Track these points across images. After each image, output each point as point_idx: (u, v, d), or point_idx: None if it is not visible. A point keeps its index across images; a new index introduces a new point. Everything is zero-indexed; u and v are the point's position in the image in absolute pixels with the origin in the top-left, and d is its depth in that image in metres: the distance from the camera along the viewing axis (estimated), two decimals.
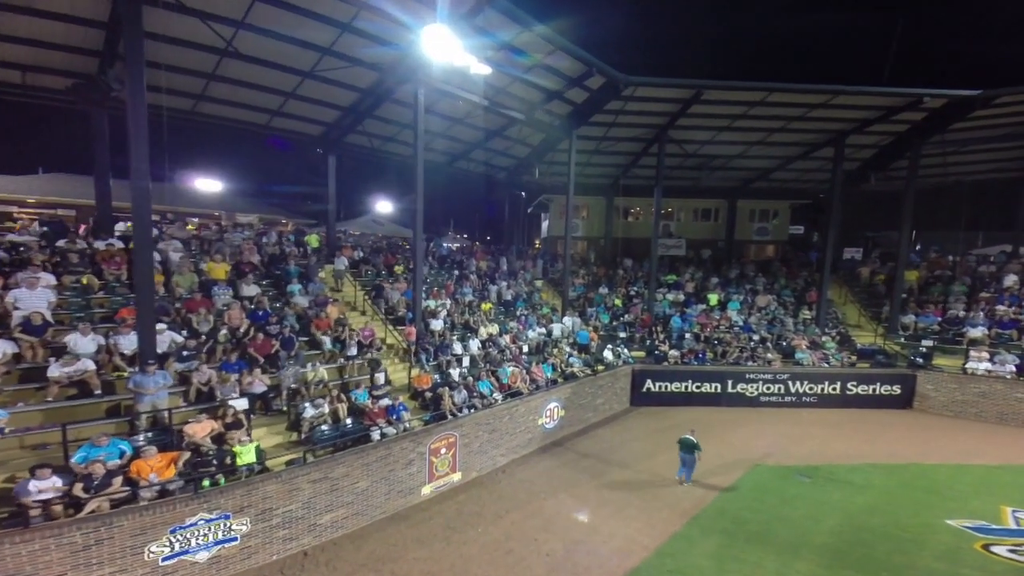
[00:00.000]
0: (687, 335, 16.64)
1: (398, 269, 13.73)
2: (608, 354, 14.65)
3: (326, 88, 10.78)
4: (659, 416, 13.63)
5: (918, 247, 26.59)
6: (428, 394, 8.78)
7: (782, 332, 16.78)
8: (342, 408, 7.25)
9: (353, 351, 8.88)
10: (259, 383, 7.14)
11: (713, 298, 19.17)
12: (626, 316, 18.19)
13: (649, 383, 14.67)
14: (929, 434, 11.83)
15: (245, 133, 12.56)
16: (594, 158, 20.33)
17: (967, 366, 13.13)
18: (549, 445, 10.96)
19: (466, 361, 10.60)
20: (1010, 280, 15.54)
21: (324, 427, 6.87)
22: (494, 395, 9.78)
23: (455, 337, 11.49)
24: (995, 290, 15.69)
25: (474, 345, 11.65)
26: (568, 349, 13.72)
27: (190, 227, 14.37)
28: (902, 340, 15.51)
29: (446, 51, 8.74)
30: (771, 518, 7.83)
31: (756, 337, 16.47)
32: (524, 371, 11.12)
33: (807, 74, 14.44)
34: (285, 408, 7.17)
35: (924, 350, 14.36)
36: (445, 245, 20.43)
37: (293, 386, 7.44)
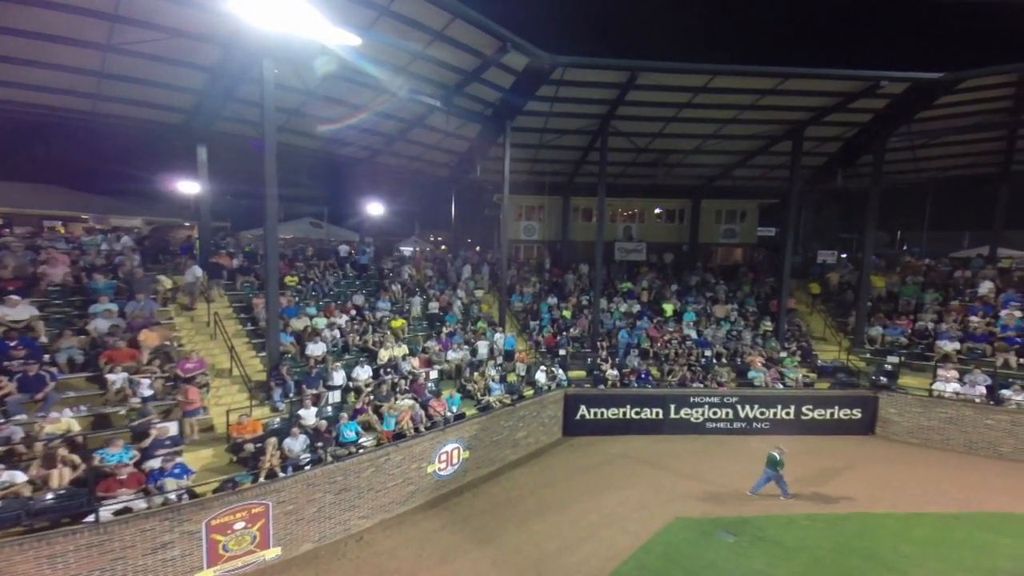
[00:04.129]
0: (633, 351, 15.02)
1: (290, 280, 11.95)
2: (541, 376, 12.99)
3: (157, 67, 9.07)
4: (591, 449, 12.01)
5: (904, 248, 25.14)
6: (252, 446, 7.07)
7: (738, 347, 15.18)
8: (58, 475, 5.47)
9: (147, 391, 7.13)
10: None
11: (668, 308, 17.56)
12: (573, 329, 16.53)
13: (584, 409, 13.02)
14: (886, 470, 10.22)
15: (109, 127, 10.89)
16: (541, 153, 18.72)
17: (934, 387, 11.56)
18: (443, 497, 9.29)
19: (334, 397, 8.87)
20: (985, 288, 13.98)
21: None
22: (360, 440, 8.09)
23: (339, 364, 9.76)
24: (969, 298, 14.14)
25: (364, 373, 9.95)
26: (493, 373, 12.01)
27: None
28: (867, 355, 13.95)
29: (287, 15, 7.09)
30: None
31: (709, 353, 14.87)
32: (419, 405, 9.44)
33: (761, 58, 13.06)
34: None
35: (889, 367, 12.78)
36: (407, 250, 18.49)
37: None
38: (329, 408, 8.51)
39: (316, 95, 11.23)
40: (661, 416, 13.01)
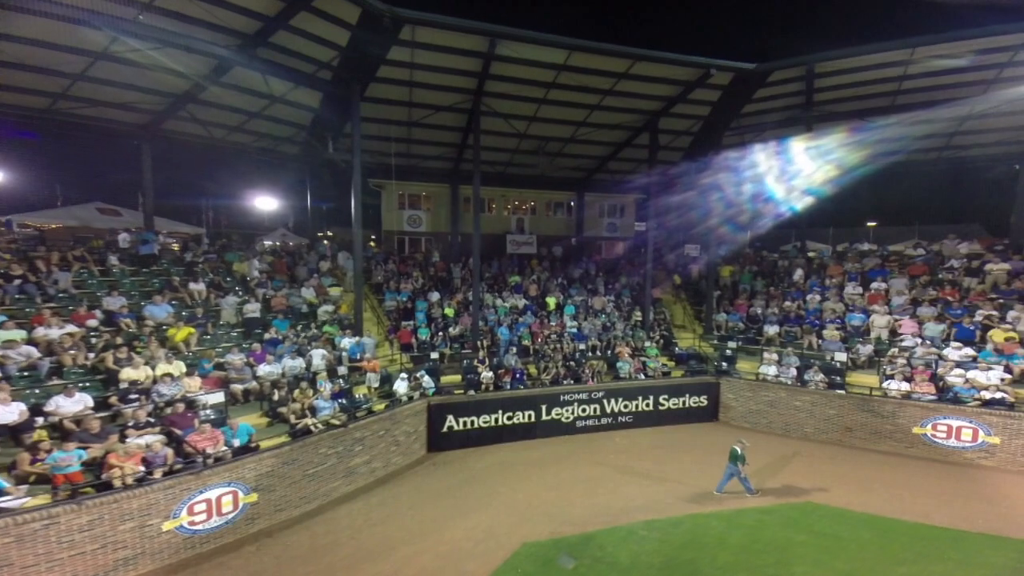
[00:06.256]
0: (513, 348, 14.12)
1: None
2: (401, 385, 11.14)
3: None
4: (456, 466, 10.65)
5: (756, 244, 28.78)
6: None
7: (610, 338, 15.37)
8: None
9: None
10: None
11: (551, 301, 17.15)
12: (453, 328, 14.97)
13: (452, 420, 11.59)
14: (719, 460, 10.23)
15: None
16: (416, 132, 16.55)
17: (760, 370, 12.82)
18: (199, 558, 6.92)
19: None
20: (797, 275, 16.24)
21: None
22: (8, 501, 5.31)
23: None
24: (787, 284, 16.29)
25: (74, 405, 6.90)
26: (326, 388, 9.71)
27: None
28: (715, 341, 15.20)
29: None
30: None
31: (583, 346, 14.71)
32: (165, 443, 6.80)
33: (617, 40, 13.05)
34: None
35: (729, 352, 13.96)
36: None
37: None
38: None
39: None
40: (533, 419, 12.29)
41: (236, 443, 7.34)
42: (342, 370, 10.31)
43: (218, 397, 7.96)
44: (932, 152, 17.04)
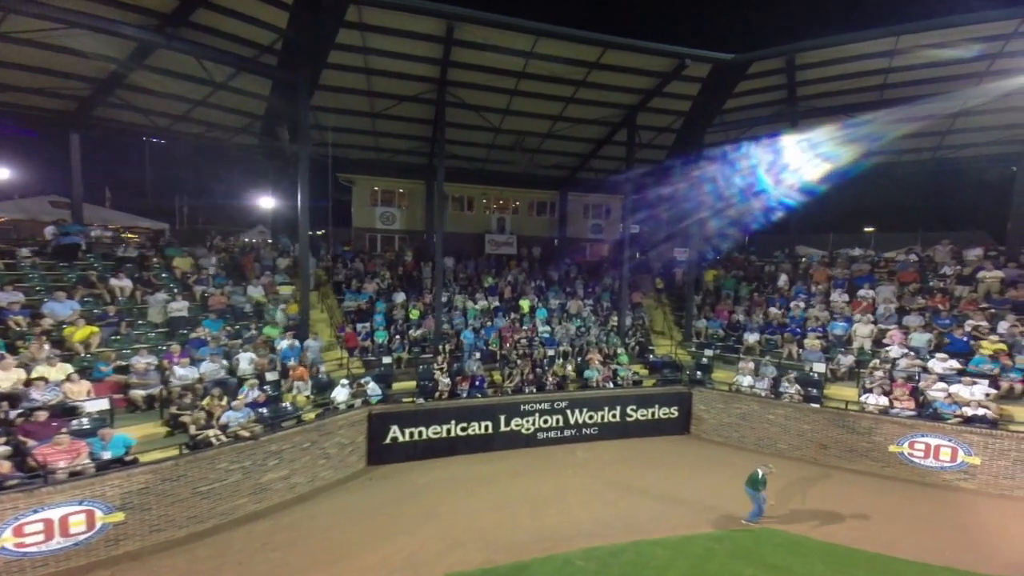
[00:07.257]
0: (476, 353, 13.32)
1: None
2: (342, 392, 10.32)
3: None
4: (396, 481, 9.81)
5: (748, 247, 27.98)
6: None
7: (583, 344, 14.54)
8: None
9: None
10: None
11: (525, 304, 16.36)
12: (415, 330, 14.18)
13: (396, 430, 10.73)
14: (680, 479, 9.72)
15: None
16: (381, 124, 15.83)
17: (735, 379, 11.96)
18: None
19: None
20: (781, 280, 15.41)
21: None
22: None
23: None
24: (771, 290, 15.46)
25: None
26: (250, 395, 8.86)
27: None
28: (694, 348, 14.36)
29: None
30: None
31: (552, 352, 13.88)
32: (9, 456, 5.98)
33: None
34: None
35: (705, 361, 13.11)
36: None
37: None
38: None
39: None
40: (491, 430, 11.44)
41: (107, 456, 6.51)
42: (271, 376, 9.47)
43: (102, 404, 7.15)
44: (925, 152, 16.25)
